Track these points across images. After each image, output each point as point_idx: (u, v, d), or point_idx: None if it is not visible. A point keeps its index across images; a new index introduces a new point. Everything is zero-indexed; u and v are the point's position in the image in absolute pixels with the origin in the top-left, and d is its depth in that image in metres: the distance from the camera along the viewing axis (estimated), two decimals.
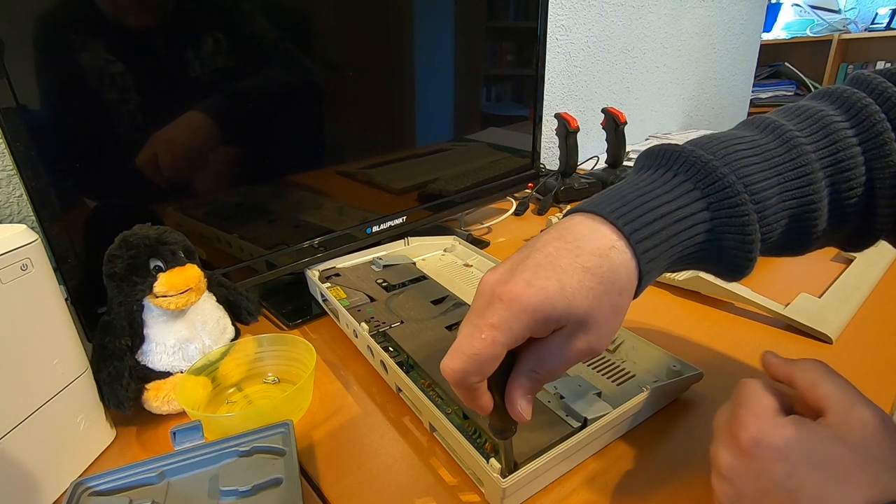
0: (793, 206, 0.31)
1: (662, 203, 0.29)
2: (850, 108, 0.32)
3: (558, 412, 0.43)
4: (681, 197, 0.29)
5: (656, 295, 0.66)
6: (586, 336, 0.27)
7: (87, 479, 0.37)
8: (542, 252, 0.27)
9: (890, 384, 0.48)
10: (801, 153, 0.31)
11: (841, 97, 0.33)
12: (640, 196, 0.29)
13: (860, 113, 0.32)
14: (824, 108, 0.33)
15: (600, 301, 0.27)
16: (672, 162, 0.30)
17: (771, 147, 0.31)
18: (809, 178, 0.31)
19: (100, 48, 0.45)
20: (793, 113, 0.33)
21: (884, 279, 0.66)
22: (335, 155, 0.66)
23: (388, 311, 0.58)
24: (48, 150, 0.44)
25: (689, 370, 0.46)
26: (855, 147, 0.31)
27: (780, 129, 0.32)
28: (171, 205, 0.54)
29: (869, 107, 0.31)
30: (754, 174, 0.30)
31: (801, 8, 2.64)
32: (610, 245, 0.27)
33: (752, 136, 0.32)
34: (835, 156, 0.31)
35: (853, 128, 0.32)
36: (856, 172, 0.31)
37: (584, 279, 0.26)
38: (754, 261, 0.31)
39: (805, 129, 0.32)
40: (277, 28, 0.56)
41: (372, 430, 0.46)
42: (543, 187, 1.03)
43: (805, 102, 0.34)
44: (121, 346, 0.46)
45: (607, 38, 1.39)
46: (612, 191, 0.30)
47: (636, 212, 0.28)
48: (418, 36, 0.69)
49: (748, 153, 0.30)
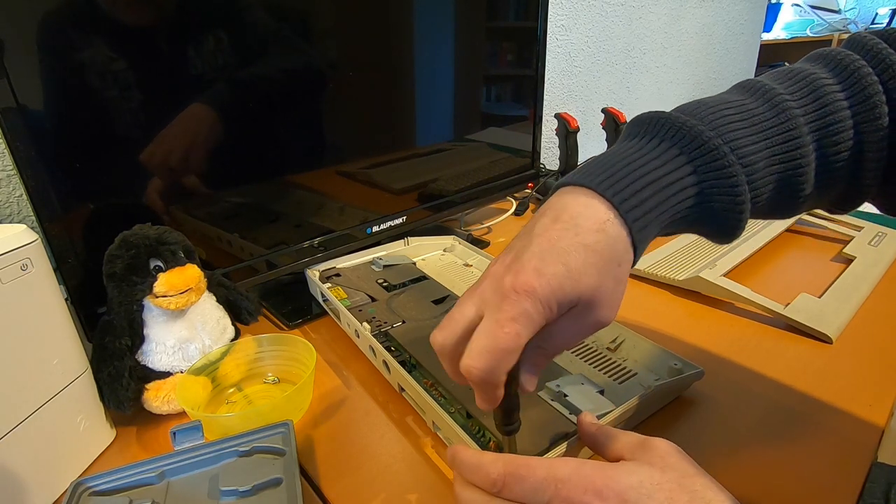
0: (780, 169, 0.31)
1: (650, 170, 0.29)
2: (842, 70, 0.32)
3: (561, 410, 0.43)
4: (667, 163, 0.29)
5: (657, 295, 0.66)
6: (595, 312, 0.28)
7: (87, 479, 0.37)
8: (544, 237, 0.28)
9: (890, 384, 0.48)
10: (789, 117, 0.31)
11: (834, 59, 0.33)
12: (627, 165, 0.29)
13: (852, 76, 0.32)
14: (816, 71, 0.33)
15: (604, 275, 0.27)
16: (658, 128, 0.31)
17: (759, 111, 0.31)
18: (797, 142, 0.31)
19: (99, 47, 0.45)
20: (785, 76, 0.34)
21: (884, 279, 0.66)
22: (335, 155, 0.66)
23: (390, 311, 0.58)
24: (48, 150, 0.44)
25: (690, 368, 0.46)
26: (845, 110, 0.31)
27: (770, 93, 0.32)
28: (171, 204, 0.54)
29: (861, 69, 0.32)
30: (741, 138, 0.30)
31: (801, 8, 2.64)
32: (605, 219, 0.28)
33: (740, 100, 0.32)
34: (823, 119, 0.31)
35: (844, 90, 0.32)
36: (844, 136, 0.31)
37: (588, 257, 0.27)
38: (745, 221, 0.31)
39: (795, 91, 0.32)
40: (277, 27, 0.56)
41: (372, 429, 0.46)
42: (543, 187, 1.03)
43: (798, 65, 0.34)
44: (121, 346, 0.46)
45: (607, 38, 1.39)
46: (601, 160, 0.30)
47: (624, 181, 0.28)
48: (418, 36, 0.69)
49: (735, 117, 0.31)
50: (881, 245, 0.73)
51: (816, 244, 0.78)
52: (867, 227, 0.79)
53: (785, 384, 0.49)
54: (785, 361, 0.52)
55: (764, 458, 0.41)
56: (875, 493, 0.37)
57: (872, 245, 0.74)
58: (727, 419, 0.45)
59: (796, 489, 0.38)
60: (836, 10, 2.62)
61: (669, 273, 0.66)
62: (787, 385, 0.49)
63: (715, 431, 0.44)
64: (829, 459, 0.40)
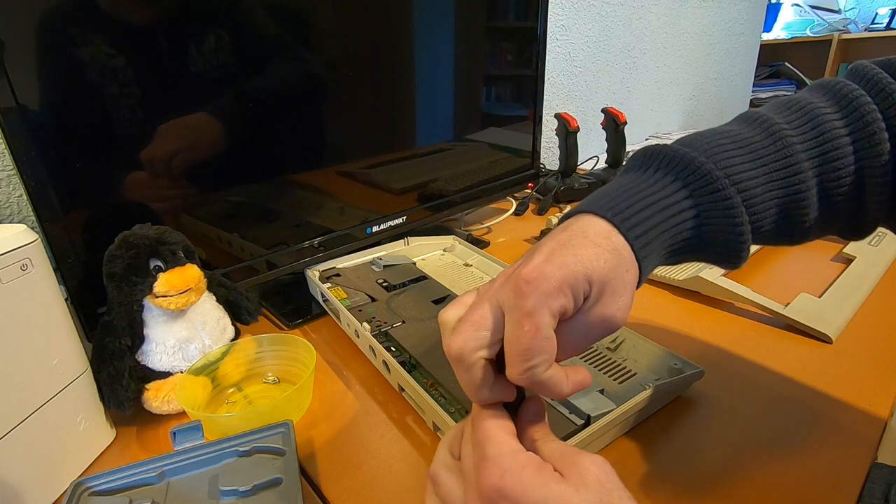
0: (780, 195, 0.32)
1: (647, 195, 0.30)
2: (840, 100, 0.33)
3: (562, 410, 0.43)
4: (664, 189, 0.31)
5: (657, 295, 0.66)
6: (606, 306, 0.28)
7: (87, 479, 0.37)
8: (551, 241, 0.28)
9: (890, 384, 0.48)
10: (786, 145, 0.32)
11: (833, 90, 0.34)
12: (625, 191, 0.31)
13: (850, 105, 0.32)
14: (815, 101, 0.34)
15: (614, 270, 0.28)
16: (654, 159, 0.32)
17: (755, 140, 0.32)
18: (795, 169, 0.32)
19: (100, 47, 0.45)
20: (784, 106, 0.34)
21: (884, 279, 0.66)
22: (335, 155, 0.66)
23: (390, 311, 0.58)
24: (48, 150, 0.44)
25: (691, 368, 0.46)
26: (844, 138, 0.32)
27: (767, 123, 0.33)
28: (171, 204, 0.54)
29: (859, 98, 0.32)
30: (737, 164, 0.31)
31: (801, 8, 2.64)
32: (608, 231, 0.29)
33: (737, 130, 0.33)
34: (822, 146, 0.32)
35: (842, 118, 0.32)
36: (844, 163, 0.32)
37: (598, 252, 0.28)
38: (747, 245, 0.31)
39: (794, 121, 0.33)
40: (277, 27, 0.56)
41: (372, 429, 0.46)
42: (543, 187, 1.03)
43: (797, 95, 0.35)
44: (121, 346, 0.46)
45: (607, 38, 1.39)
46: (600, 192, 0.32)
47: (623, 204, 0.30)
48: (418, 36, 0.69)
49: (731, 146, 0.32)
50: (881, 245, 0.73)
51: (816, 244, 0.77)
52: None
53: (785, 384, 0.49)
54: (785, 361, 0.52)
55: (764, 458, 0.41)
56: (875, 493, 0.37)
57: (872, 245, 0.74)
58: (727, 419, 0.45)
59: (796, 489, 0.38)
60: (836, 10, 2.62)
61: (669, 273, 0.67)
62: (786, 385, 0.49)
63: (715, 431, 0.44)
64: (829, 459, 0.40)
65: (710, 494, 0.38)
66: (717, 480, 0.39)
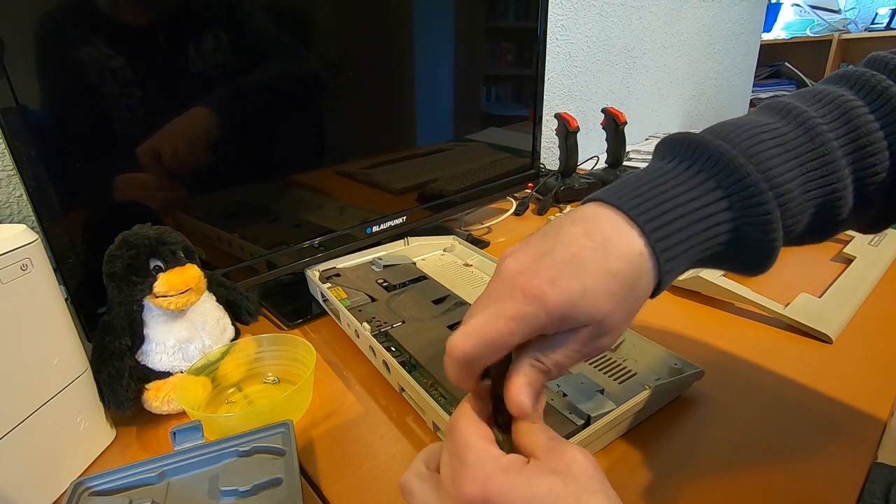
0: (817, 195, 0.30)
1: (685, 201, 0.28)
2: (869, 91, 0.31)
3: (562, 410, 0.43)
4: (704, 196, 0.28)
5: None
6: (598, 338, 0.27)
7: (87, 479, 0.37)
8: (568, 249, 0.26)
9: (890, 384, 0.48)
10: (823, 141, 0.30)
11: (860, 80, 0.32)
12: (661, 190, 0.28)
13: (880, 96, 0.31)
14: (843, 93, 0.32)
15: (619, 306, 0.26)
16: (693, 153, 0.30)
17: (792, 136, 0.30)
18: (832, 167, 0.30)
19: (100, 47, 0.45)
20: (813, 97, 0.33)
21: (884, 279, 0.66)
22: (335, 155, 0.66)
23: (390, 311, 0.58)
24: (48, 150, 0.44)
25: (691, 368, 0.46)
26: (878, 132, 0.30)
27: (802, 116, 0.31)
28: (171, 204, 0.54)
29: (889, 89, 0.31)
30: (777, 166, 0.29)
31: (801, 8, 2.64)
32: (638, 252, 0.26)
33: (773, 123, 0.31)
34: (857, 142, 0.30)
35: (873, 112, 0.31)
36: (879, 157, 0.30)
37: (609, 284, 0.26)
38: (775, 257, 0.30)
39: (826, 114, 0.31)
40: (277, 27, 0.56)
41: (372, 429, 0.46)
42: (543, 187, 1.03)
43: (823, 87, 0.33)
44: (121, 346, 0.46)
45: (607, 38, 1.39)
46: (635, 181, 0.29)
47: (658, 209, 0.27)
48: (418, 36, 0.69)
49: (770, 143, 0.29)
50: (881, 245, 0.73)
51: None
52: None
53: (785, 384, 0.49)
54: (785, 361, 0.52)
55: (764, 458, 0.41)
56: (875, 493, 0.37)
57: (872, 245, 0.74)
58: (727, 419, 0.45)
59: (796, 489, 0.38)
60: (836, 10, 2.62)
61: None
62: (786, 385, 0.49)
63: (715, 431, 0.44)
64: (829, 459, 0.40)
65: (710, 494, 0.38)
66: (717, 480, 0.39)
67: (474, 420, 0.27)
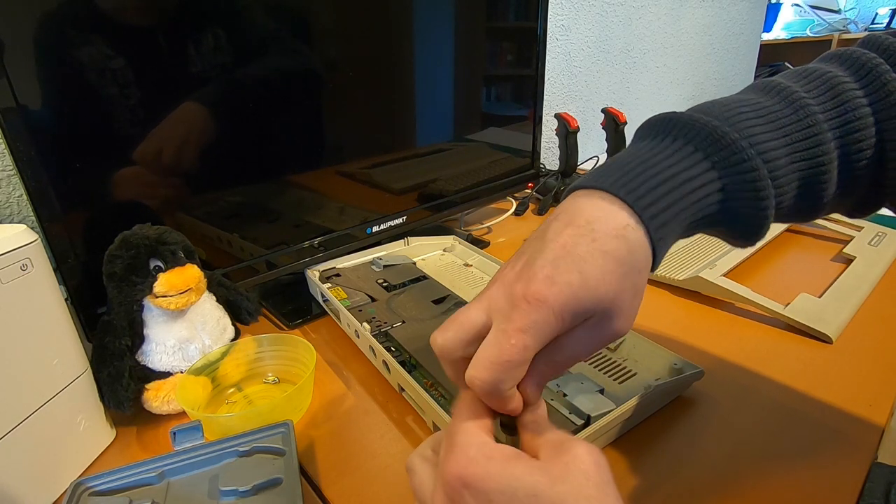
0: (802, 167, 0.29)
1: (666, 168, 0.27)
2: (859, 69, 0.31)
3: (562, 410, 0.43)
4: (684, 160, 0.28)
5: (657, 295, 0.66)
6: (612, 323, 0.26)
7: (87, 479, 0.37)
8: (557, 243, 0.26)
9: (890, 384, 0.48)
10: (808, 114, 0.29)
11: (851, 58, 0.32)
12: (641, 163, 0.27)
13: (870, 74, 0.30)
14: (833, 70, 0.32)
15: (623, 284, 0.25)
16: (670, 127, 0.29)
17: (776, 109, 0.30)
18: (818, 139, 0.29)
19: (100, 47, 0.45)
20: (800, 75, 0.32)
21: (884, 279, 0.66)
22: (335, 155, 0.66)
23: (390, 311, 0.58)
24: (48, 150, 0.44)
25: (690, 368, 0.46)
26: (864, 108, 0.30)
27: (786, 91, 0.31)
28: (171, 204, 0.54)
29: (880, 67, 0.30)
30: (760, 135, 0.28)
31: (801, 8, 2.64)
32: (624, 224, 0.26)
33: (755, 98, 0.31)
34: (843, 117, 0.30)
35: (863, 89, 0.31)
36: (865, 134, 0.30)
37: (606, 264, 0.25)
38: (769, 222, 0.29)
39: (812, 90, 0.31)
40: (277, 27, 0.56)
41: (372, 429, 0.46)
42: (543, 187, 1.03)
43: (813, 65, 0.33)
44: (121, 346, 0.46)
45: (607, 38, 1.39)
46: (612, 162, 0.29)
47: (639, 180, 0.27)
48: (418, 36, 0.69)
49: (752, 115, 0.29)
50: (881, 245, 0.73)
51: (816, 244, 0.78)
52: (867, 227, 0.79)
53: (785, 384, 0.49)
54: (785, 361, 0.52)
55: (764, 458, 0.41)
56: (875, 493, 0.37)
57: (872, 245, 0.74)
58: (727, 419, 0.45)
59: (796, 489, 0.38)
60: (836, 10, 2.62)
61: (669, 273, 0.67)
62: (786, 385, 0.49)
63: (715, 431, 0.44)
64: (829, 459, 0.40)
65: (709, 494, 0.38)
66: (717, 480, 0.39)
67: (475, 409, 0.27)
